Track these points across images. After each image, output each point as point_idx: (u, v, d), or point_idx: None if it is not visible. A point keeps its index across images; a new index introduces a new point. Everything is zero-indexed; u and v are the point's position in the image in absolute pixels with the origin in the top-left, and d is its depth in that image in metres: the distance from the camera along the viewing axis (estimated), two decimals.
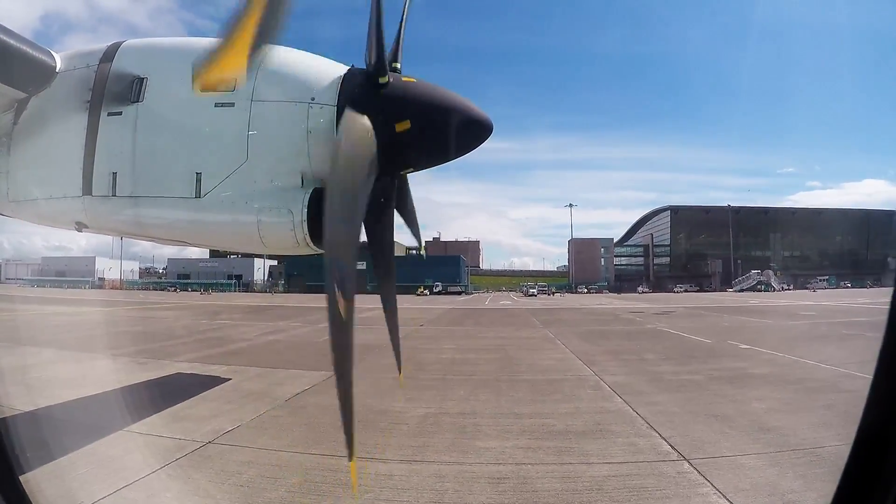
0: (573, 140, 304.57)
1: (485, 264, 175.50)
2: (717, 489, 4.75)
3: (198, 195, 4.58)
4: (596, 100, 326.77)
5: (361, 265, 4.57)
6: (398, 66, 4.67)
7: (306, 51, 4.88)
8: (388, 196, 4.94)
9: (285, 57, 4.73)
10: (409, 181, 5.55)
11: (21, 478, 2.98)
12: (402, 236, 5.88)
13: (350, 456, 3.23)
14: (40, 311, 28.82)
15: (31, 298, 45.10)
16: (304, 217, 4.43)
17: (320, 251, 4.79)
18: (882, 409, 2.01)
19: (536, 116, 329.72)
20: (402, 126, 4.23)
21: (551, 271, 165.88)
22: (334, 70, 4.56)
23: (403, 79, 4.39)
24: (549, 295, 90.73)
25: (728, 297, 66.67)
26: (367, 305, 8.13)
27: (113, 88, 4.81)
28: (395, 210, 5.22)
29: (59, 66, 5.14)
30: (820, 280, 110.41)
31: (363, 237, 4.50)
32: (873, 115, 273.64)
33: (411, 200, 5.69)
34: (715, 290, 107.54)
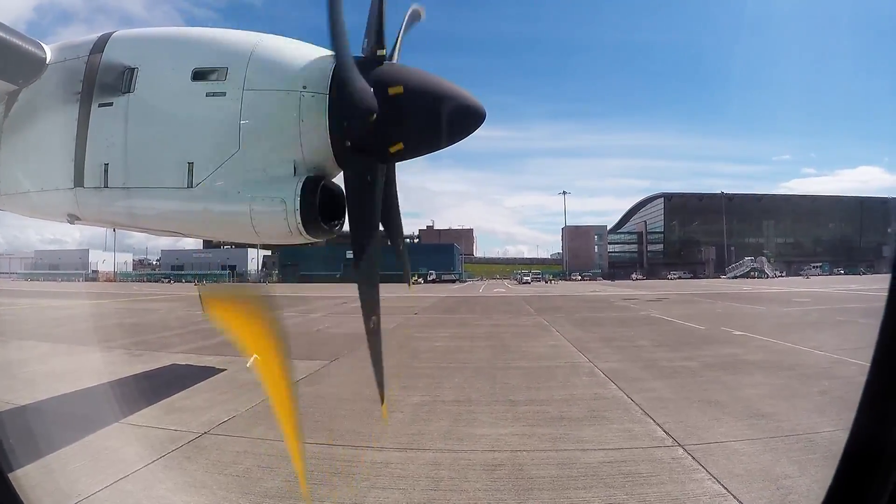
0: (568, 128, 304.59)
1: (479, 252, 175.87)
2: (712, 475, 4.79)
3: (190, 185, 4.54)
4: (592, 88, 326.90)
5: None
6: (383, 52, 4.63)
7: (299, 39, 4.84)
8: (390, 180, 4.93)
9: (277, 45, 4.69)
10: (396, 175, 5.51)
11: (15, 472, 2.97)
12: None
13: (382, 400, 4.11)
14: (34, 305, 28.72)
15: (24, 292, 44.95)
16: (297, 206, 4.40)
17: (313, 240, 4.77)
18: (880, 395, 2.00)
19: (532, 104, 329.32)
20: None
21: (545, 259, 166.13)
22: (326, 58, 4.52)
23: (391, 91, 4.30)
24: (546, 282, 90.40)
25: (721, 284, 67.04)
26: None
27: (103, 79, 4.76)
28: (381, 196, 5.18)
29: (49, 57, 5.08)
30: (813, 267, 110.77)
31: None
32: (869, 102, 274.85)
33: (396, 195, 5.62)
34: (708, 277, 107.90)
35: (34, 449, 4.96)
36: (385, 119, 4.15)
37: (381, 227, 4.85)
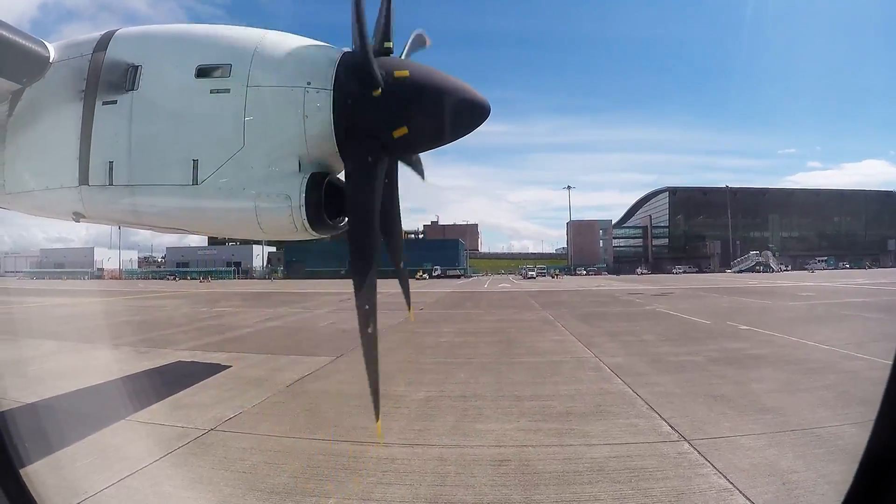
0: (572, 122, 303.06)
1: (484, 247, 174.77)
2: (718, 469, 4.79)
3: (195, 182, 4.55)
4: (595, 82, 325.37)
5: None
6: (390, 45, 4.62)
7: (301, 35, 4.84)
8: (392, 176, 4.91)
9: (280, 41, 4.69)
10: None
11: (24, 469, 3.00)
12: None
13: (376, 416, 4.26)
14: (40, 303, 28.86)
15: (30, 291, 45.17)
16: (302, 202, 4.41)
17: (319, 236, 4.79)
18: None
19: (534, 99, 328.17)
20: (400, 132, 4.22)
21: (550, 254, 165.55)
22: (329, 54, 4.52)
23: (396, 74, 4.31)
24: (551, 277, 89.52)
25: (727, 278, 66.79)
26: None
27: (107, 77, 4.77)
28: (397, 186, 5.17)
29: (52, 56, 5.10)
30: (818, 261, 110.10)
31: None
32: (874, 95, 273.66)
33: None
34: (713, 272, 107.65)
35: (43, 446, 5.00)
36: (390, 102, 4.17)
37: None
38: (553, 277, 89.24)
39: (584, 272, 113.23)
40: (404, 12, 4.90)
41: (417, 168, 5.55)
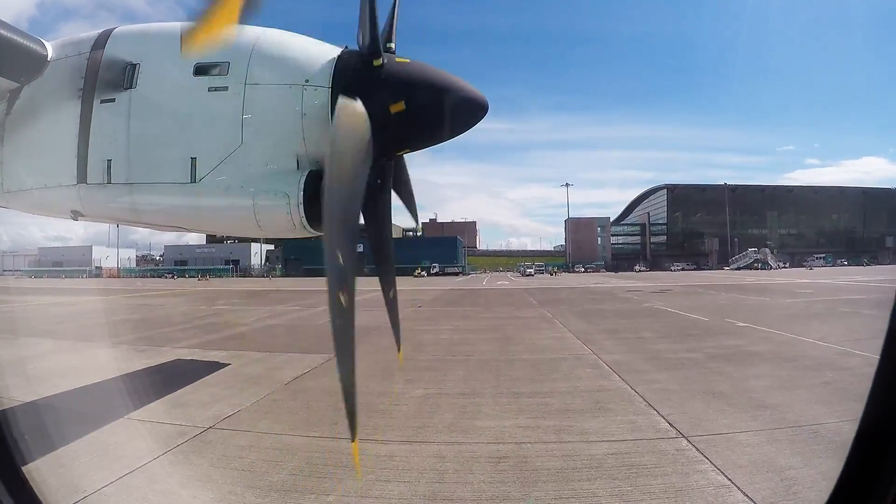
0: (571, 120, 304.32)
1: (482, 245, 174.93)
2: (716, 466, 4.79)
3: (193, 180, 4.56)
4: (594, 79, 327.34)
5: (359, 248, 4.45)
6: (392, 46, 4.64)
7: (300, 33, 4.85)
8: (385, 178, 4.93)
9: (278, 39, 4.70)
10: (406, 161, 5.53)
11: (25, 467, 3.00)
12: (398, 218, 5.87)
13: (353, 437, 3.36)
14: (38, 302, 28.82)
15: (28, 289, 45.12)
16: (301, 200, 4.42)
17: (317, 234, 4.79)
18: (888, 393, 1.99)
19: (533, 96, 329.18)
20: (397, 107, 4.21)
21: (548, 251, 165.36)
22: (328, 52, 4.53)
23: (397, 59, 4.36)
24: (549, 275, 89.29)
25: (725, 276, 66.84)
26: (367, 287, 8.13)
27: (105, 75, 4.78)
28: (391, 191, 5.21)
29: (50, 54, 5.10)
30: (817, 258, 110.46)
31: (361, 220, 4.46)
32: (873, 92, 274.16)
33: (409, 180, 5.69)
34: (712, 269, 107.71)
35: (44, 444, 4.99)
36: (389, 75, 4.19)
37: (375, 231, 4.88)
38: (551, 275, 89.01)
39: (583, 269, 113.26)
40: (406, 10, 4.92)
41: (411, 208, 5.63)
